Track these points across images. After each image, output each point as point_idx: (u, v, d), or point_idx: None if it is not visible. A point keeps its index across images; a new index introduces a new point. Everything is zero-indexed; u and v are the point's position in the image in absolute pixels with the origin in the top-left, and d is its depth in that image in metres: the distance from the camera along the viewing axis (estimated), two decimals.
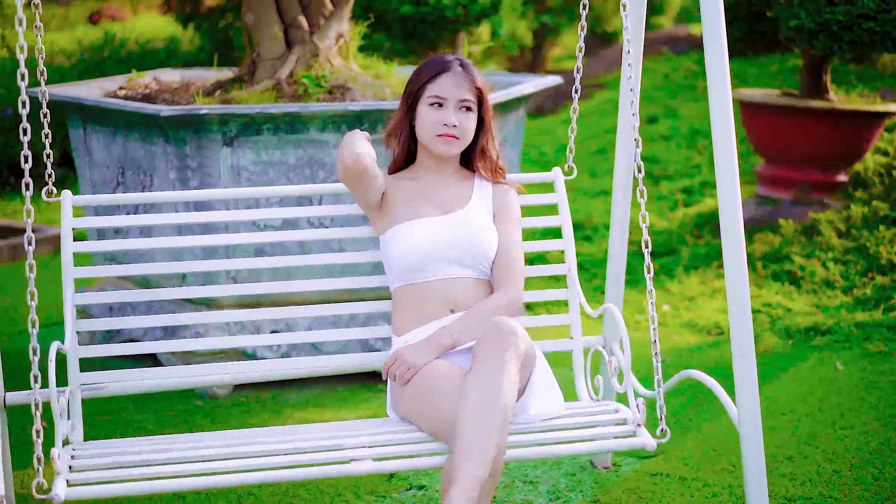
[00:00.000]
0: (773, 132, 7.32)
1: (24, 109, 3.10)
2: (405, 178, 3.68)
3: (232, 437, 3.40)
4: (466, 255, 3.55)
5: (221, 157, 4.85)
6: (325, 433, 3.41)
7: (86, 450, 3.31)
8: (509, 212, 3.68)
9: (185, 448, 3.27)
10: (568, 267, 3.86)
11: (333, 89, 5.29)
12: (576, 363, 3.85)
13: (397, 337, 3.60)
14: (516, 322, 3.28)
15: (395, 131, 3.68)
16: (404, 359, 3.41)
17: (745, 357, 3.36)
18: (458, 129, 3.56)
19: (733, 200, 3.36)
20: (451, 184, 3.67)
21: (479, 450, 3.05)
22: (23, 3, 3.07)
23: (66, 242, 3.60)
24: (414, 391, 3.39)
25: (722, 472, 4.20)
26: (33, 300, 3.08)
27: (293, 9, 5.54)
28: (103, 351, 3.67)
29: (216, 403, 5.06)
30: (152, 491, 3.12)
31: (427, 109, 3.56)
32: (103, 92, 5.71)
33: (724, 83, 3.36)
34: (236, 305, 4.99)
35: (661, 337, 5.85)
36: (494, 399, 3.12)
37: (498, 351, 3.19)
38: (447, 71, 3.56)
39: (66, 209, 3.65)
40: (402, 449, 3.31)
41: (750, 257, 6.73)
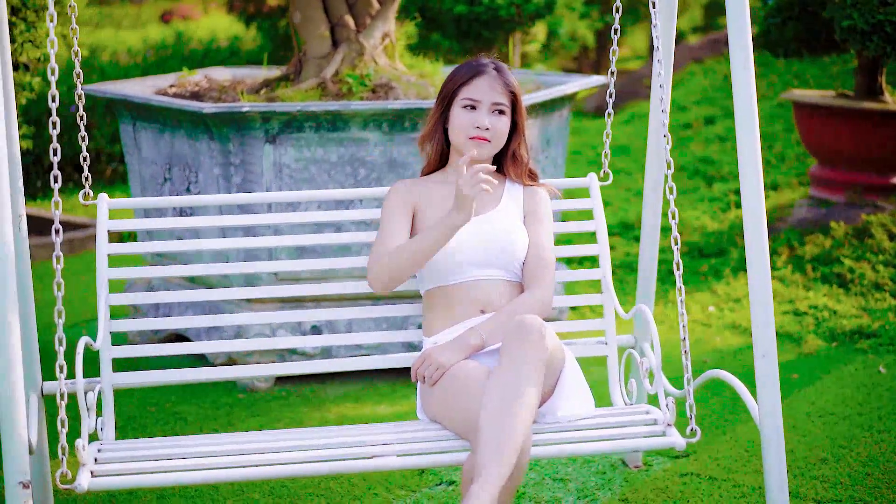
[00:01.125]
0: (826, 134, 7.26)
1: (53, 103, 3.18)
2: (437, 181, 3.71)
3: (260, 436, 3.46)
4: (497, 256, 3.57)
5: (264, 154, 4.93)
6: (351, 432, 3.46)
7: (113, 446, 3.37)
8: (539, 213, 3.69)
9: (209, 445, 3.33)
10: (602, 272, 3.86)
11: (377, 88, 5.34)
12: (611, 369, 3.85)
13: (427, 338, 3.63)
14: (542, 321, 3.29)
15: (430, 134, 3.71)
16: (433, 359, 3.44)
17: (766, 357, 3.36)
18: (490, 132, 3.56)
19: (757, 200, 3.35)
20: None
21: (500, 448, 3.07)
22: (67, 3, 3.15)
23: (102, 244, 3.68)
24: (441, 391, 3.41)
25: (753, 473, 4.19)
26: (60, 291, 3.17)
27: (340, 8, 5.60)
28: (139, 351, 3.75)
29: (257, 397, 5.13)
30: (177, 483, 3.19)
31: (460, 112, 3.58)
32: (154, 89, 5.81)
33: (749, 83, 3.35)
34: (278, 304, 5.06)
35: (704, 338, 5.84)
36: (517, 398, 3.14)
37: (522, 350, 3.21)
38: (481, 74, 3.57)
39: (102, 212, 3.72)
40: (425, 446, 3.34)
41: (800, 259, 6.69)
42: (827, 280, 6.44)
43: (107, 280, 3.66)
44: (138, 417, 4.88)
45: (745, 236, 3.37)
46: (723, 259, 6.95)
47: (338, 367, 3.89)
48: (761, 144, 8.84)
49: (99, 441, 3.42)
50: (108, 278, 3.66)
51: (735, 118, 3.37)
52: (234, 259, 5.04)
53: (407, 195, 3.65)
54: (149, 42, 11.89)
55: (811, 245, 6.83)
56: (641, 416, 3.55)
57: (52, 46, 3.18)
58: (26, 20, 6.61)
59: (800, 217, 7.22)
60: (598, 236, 3.92)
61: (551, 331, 3.32)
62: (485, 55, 3.69)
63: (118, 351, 3.68)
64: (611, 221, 7.86)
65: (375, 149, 4.99)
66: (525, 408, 3.14)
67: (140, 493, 4.11)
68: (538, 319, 3.29)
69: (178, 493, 4.12)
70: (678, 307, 3.45)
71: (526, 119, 3.69)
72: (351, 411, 4.93)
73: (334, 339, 3.84)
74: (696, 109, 10.31)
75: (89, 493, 3.11)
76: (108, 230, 3.73)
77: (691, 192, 8.35)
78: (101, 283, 3.65)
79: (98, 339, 3.57)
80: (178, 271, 3.84)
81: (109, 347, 3.62)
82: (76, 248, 7.61)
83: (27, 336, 3.63)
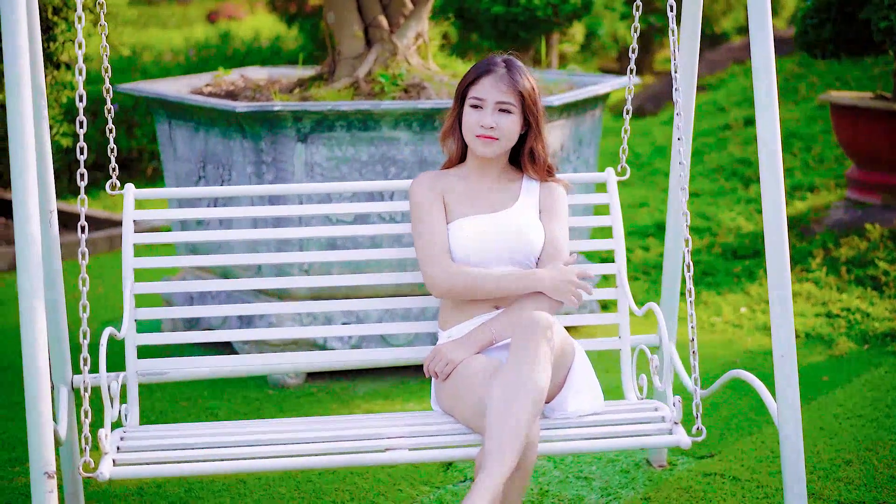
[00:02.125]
0: (863, 135, 7.22)
1: (80, 103, 3.24)
2: (456, 175, 3.75)
3: (280, 425, 3.51)
4: (513, 252, 3.61)
5: (296, 153, 4.98)
6: (366, 423, 3.50)
7: (137, 433, 3.44)
8: (555, 208, 3.72)
9: (228, 435, 3.38)
10: (617, 267, 3.89)
11: (409, 88, 5.38)
12: (624, 363, 3.88)
13: (442, 331, 3.68)
14: (551, 318, 3.33)
15: (449, 131, 3.76)
16: (443, 355, 3.51)
17: (785, 357, 3.36)
18: (496, 131, 3.59)
19: (777, 199, 3.35)
20: (500, 183, 3.73)
21: (504, 443, 3.11)
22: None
23: (128, 234, 3.75)
24: (453, 386, 3.48)
25: (778, 474, 4.19)
26: (85, 286, 3.23)
27: (374, 8, 5.65)
28: (164, 339, 3.81)
29: (287, 393, 5.18)
30: (197, 472, 3.25)
31: (468, 111, 3.62)
32: (190, 88, 5.88)
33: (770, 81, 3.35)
34: (309, 297, 5.11)
35: (735, 339, 5.84)
36: (524, 391, 3.18)
37: (530, 345, 3.25)
38: (489, 73, 3.60)
39: (129, 202, 3.79)
40: (439, 440, 3.38)
41: (835, 261, 6.66)
42: (861, 282, 6.41)
43: (132, 269, 3.73)
44: (169, 412, 4.95)
45: (766, 236, 3.37)
46: (757, 261, 6.93)
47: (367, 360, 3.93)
48: (800, 146, 8.80)
49: (123, 428, 3.49)
50: (133, 267, 3.73)
51: (756, 121, 3.38)
52: (265, 251, 5.09)
53: (434, 186, 3.70)
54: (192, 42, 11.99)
55: (846, 247, 6.79)
56: (650, 412, 3.58)
57: (80, 48, 3.24)
58: (67, 20, 6.70)
59: (836, 219, 7.19)
60: (614, 231, 3.94)
61: (560, 327, 3.37)
62: (501, 53, 3.72)
63: (145, 338, 3.76)
64: (646, 222, 7.86)
65: (406, 148, 5.03)
66: (530, 403, 3.19)
67: (168, 486, 4.17)
68: (547, 316, 3.34)
69: (206, 488, 4.18)
70: (687, 308, 3.48)
71: (543, 116, 3.70)
72: (380, 408, 4.97)
73: (365, 328, 3.89)
74: (735, 111, 10.27)
75: (116, 484, 3.17)
76: (138, 220, 3.80)
77: (728, 193, 8.33)
78: (126, 272, 3.72)
79: (123, 328, 3.64)
80: (207, 261, 3.90)
81: (135, 335, 3.69)
82: (115, 245, 7.71)
83: (57, 330, 3.70)
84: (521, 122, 3.64)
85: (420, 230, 3.65)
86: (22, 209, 3.03)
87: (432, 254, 3.59)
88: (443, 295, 3.60)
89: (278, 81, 6.08)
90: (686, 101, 3.96)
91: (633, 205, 8.32)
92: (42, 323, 3.03)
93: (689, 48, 3.96)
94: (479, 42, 9.12)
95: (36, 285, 3.02)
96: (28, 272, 3.03)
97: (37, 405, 3.03)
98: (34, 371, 3.01)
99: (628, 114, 4.04)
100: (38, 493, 3.03)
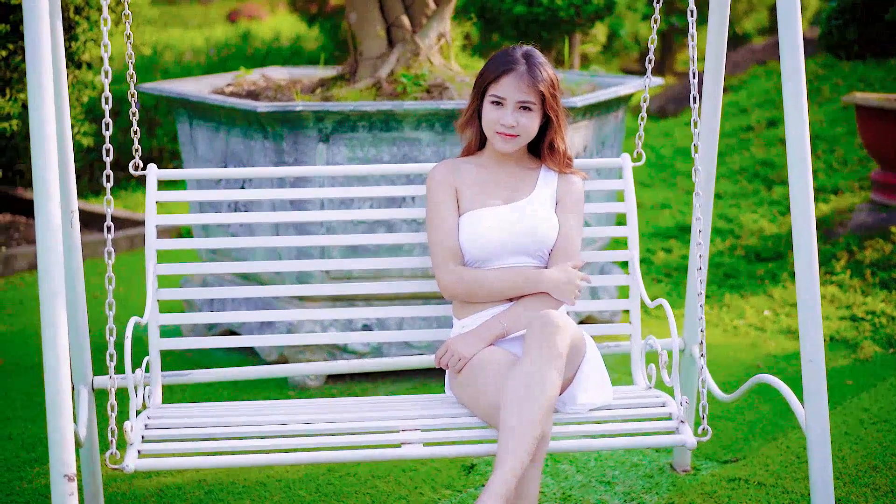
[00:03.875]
0: (888, 137, 7.16)
1: (106, 105, 3.23)
2: (473, 163, 3.76)
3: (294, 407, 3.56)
4: (528, 244, 3.63)
5: (317, 153, 4.95)
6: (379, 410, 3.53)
7: (160, 414, 3.47)
8: (571, 200, 3.74)
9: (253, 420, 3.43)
10: (631, 254, 3.88)
11: (431, 88, 5.35)
12: (633, 349, 3.88)
13: (457, 320, 3.70)
14: (565, 315, 3.35)
15: (467, 123, 3.77)
16: (455, 349, 3.52)
17: (813, 361, 3.32)
18: (516, 129, 3.61)
19: (806, 203, 3.31)
20: (517, 173, 3.74)
21: (521, 437, 3.14)
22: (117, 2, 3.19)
23: (150, 215, 3.77)
24: (466, 380, 3.50)
25: (803, 479, 4.14)
26: (111, 284, 3.23)
27: (396, 8, 5.62)
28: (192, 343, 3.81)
29: (308, 394, 5.16)
30: (219, 466, 3.28)
31: (489, 107, 3.63)
32: (211, 88, 5.86)
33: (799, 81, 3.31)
34: (329, 302, 5.09)
35: (758, 342, 5.79)
36: (539, 387, 3.20)
37: (545, 343, 3.27)
38: (511, 72, 3.58)
39: (151, 183, 3.81)
40: (454, 434, 3.41)
41: (859, 264, 6.61)
42: (886, 286, 6.35)
43: (155, 251, 3.74)
44: None
45: (794, 238, 3.34)
46: (780, 263, 6.89)
47: (389, 365, 3.94)
48: (824, 148, 8.74)
49: (147, 410, 3.52)
50: (156, 249, 3.74)
51: (784, 119, 3.34)
52: (287, 257, 5.08)
53: (448, 179, 3.71)
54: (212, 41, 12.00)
55: (870, 250, 6.74)
56: (657, 408, 3.57)
57: (106, 50, 3.22)
58: (89, 19, 6.70)
59: (860, 222, 7.13)
60: (628, 217, 3.94)
61: (573, 323, 3.39)
62: (519, 46, 3.70)
63: (168, 343, 3.76)
64: (668, 224, 7.82)
65: (428, 148, 5.00)
66: (544, 401, 3.21)
67: (187, 488, 4.15)
68: (561, 313, 3.37)
69: (226, 489, 4.16)
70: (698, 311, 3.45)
71: (563, 110, 3.70)
72: None
73: (385, 335, 3.89)
74: (757, 112, 10.21)
75: (137, 486, 3.15)
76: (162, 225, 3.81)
77: (751, 195, 8.27)
78: (149, 254, 3.74)
79: (146, 310, 3.66)
80: (231, 268, 3.89)
81: (157, 317, 3.72)
82: (137, 245, 7.70)
83: (77, 331, 3.69)
84: (541, 117, 3.65)
85: (433, 226, 3.69)
86: (44, 210, 3.01)
87: (440, 256, 3.65)
88: (451, 297, 3.66)
89: (299, 81, 6.06)
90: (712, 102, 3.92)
91: (654, 206, 8.28)
92: (63, 324, 3.01)
93: (716, 47, 3.91)
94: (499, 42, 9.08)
95: (57, 286, 3.00)
96: (50, 273, 3.00)
97: (57, 407, 3.00)
98: (55, 373, 2.99)
99: (646, 101, 3.99)
100: (57, 495, 3.00)
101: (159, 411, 3.55)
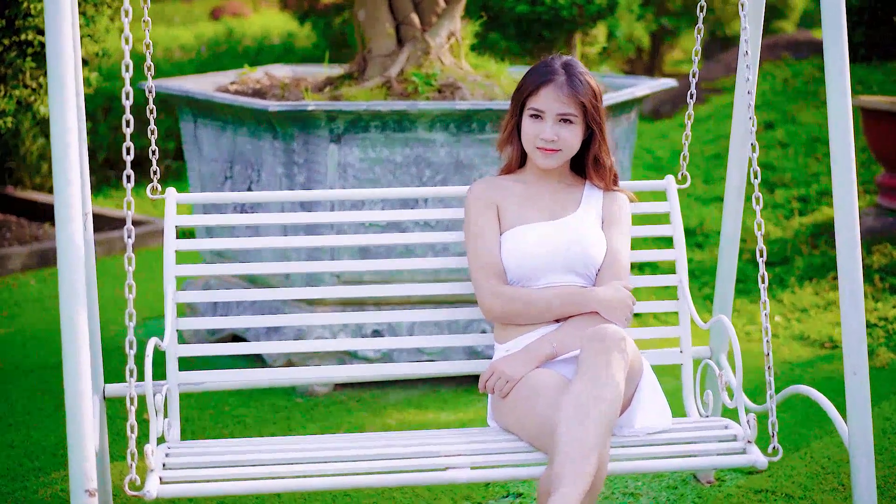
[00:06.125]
0: (893, 140, 7.08)
1: (127, 101, 3.10)
2: (516, 180, 3.61)
3: (329, 441, 3.36)
4: (575, 261, 3.47)
5: (328, 154, 4.83)
6: (423, 440, 3.34)
7: (181, 448, 3.29)
8: (618, 218, 3.58)
9: (281, 451, 3.23)
10: (679, 278, 3.75)
11: (443, 88, 5.23)
12: (685, 377, 3.74)
13: (500, 344, 3.52)
14: (623, 330, 3.20)
15: (507, 140, 3.61)
16: (502, 371, 3.34)
17: (857, 374, 3.22)
18: (557, 143, 3.45)
19: (850, 212, 3.22)
20: (561, 189, 3.59)
21: (580, 461, 2.96)
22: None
23: (169, 240, 3.60)
24: (514, 402, 3.31)
25: (831, 492, 4.05)
26: (131, 293, 3.10)
27: (406, 6, 5.49)
28: (203, 350, 3.66)
29: (316, 401, 5.03)
30: (246, 492, 3.11)
31: (528, 121, 3.48)
32: (215, 86, 5.73)
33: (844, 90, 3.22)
34: (339, 305, 4.97)
35: (772, 349, 5.67)
36: (597, 408, 3.03)
37: (603, 357, 3.11)
38: (549, 83, 3.44)
39: (171, 207, 3.65)
40: (499, 458, 3.24)
41: (867, 270, 6.52)
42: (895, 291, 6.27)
43: (174, 277, 3.59)
44: (197, 420, 4.80)
45: (838, 252, 3.25)
46: (787, 267, 6.80)
47: (401, 373, 3.80)
48: (823, 151, 8.66)
49: (167, 444, 3.34)
50: (175, 275, 3.58)
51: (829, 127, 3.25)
52: (296, 259, 4.95)
53: (488, 195, 3.55)
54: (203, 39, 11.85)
55: (878, 255, 6.66)
56: (720, 430, 3.44)
57: (127, 43, 3.10)
58: (85, 14, 6.55)
59: (867, 226, 7.04)
60: (675, 241, 3.82)
61: (631, 339, 3.22)
62: (557, 56, 3.56)
63: (181, 350, 3.60)
64: None
65: (441, 149, 4.88)
66: (605, 418, 3.04)
67: (200, 502, 4.02)
68: (618, 328, 3.19)
69: (239, 501, 4.03)
70: (762, 321, 3.34)
71: (606, 123, 3.57)
72: (413, 418, 4.83)
73: (396, 342, 3.75)
74: (755, 114, 10.12)
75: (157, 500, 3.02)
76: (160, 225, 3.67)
77: None
78: (168, 281, 3.57)
79: (165, 339, 3.47)
80: (242, 269, 3.77)
81: (176, 346, 3.54)
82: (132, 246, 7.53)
83: (91, 339, 3.55)
84: (583, 130, 3.50)
85: (471, 247, 3.52)
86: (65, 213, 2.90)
87: (482, 275, 3.46)
88: (495, 320, 3.47)
89: (304, 80, 5.93)
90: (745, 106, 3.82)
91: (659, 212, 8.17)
92: (84, 337, 2.88)
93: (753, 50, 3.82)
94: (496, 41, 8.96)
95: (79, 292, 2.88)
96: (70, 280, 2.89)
97: (78, 420, 2.89)
98: (75, 384, 2.88)
99: (690, 119, 3.89)
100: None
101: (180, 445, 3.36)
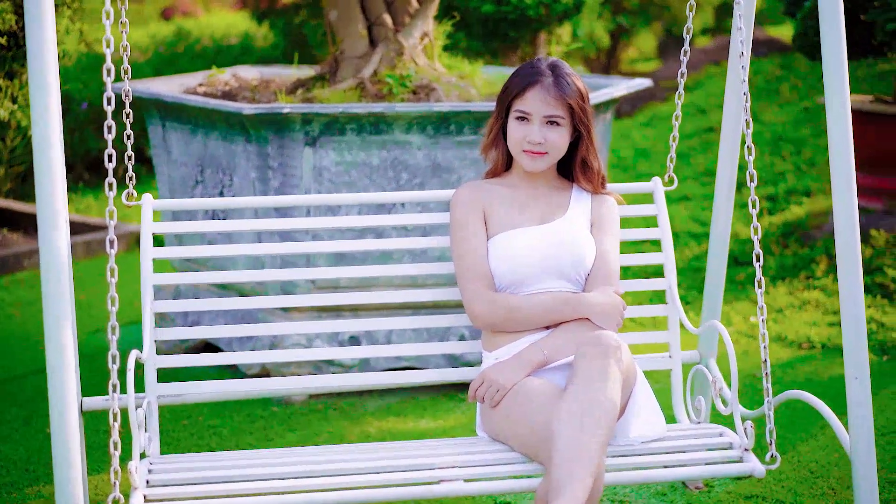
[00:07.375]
0: (863, 139, 7.03)
1: (108, 106, 3.00)
2: (502, 184, 3.53)
3: (318, 454, 3.26)
4: (565, 266, 3.40)
5: (303, 158, 4.73)
6: (412, 452, 3.25)
7: (163, 464, 3.18)
8: (607, 221, 3.52)
9: (268, 465, 3.13)
10: (668, 283, 3.69)
11: (418, 89, 5.14)
12: (675, 383, 3.69)
13: (488, 352, 3.44)
14: (617, 336, 3.13)
15: (492, 143, 3.54)
16: (493, 380, 3.26)
17: (859, 380, 3.18)
18: (544, 146, 3.39)
19: (851, 212, 3.18)
20: (548, 193, 3.52)
21: (579, 469, 2.90)
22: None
23: (146, 249, 3.47)
24: (506, 410, 3.23)
25: (822, 496, 4.01)
26: (114, 305, 2.97)
27: (378, 6, 5.40)
28: (182, 361, 3.53)
29: (293, 410, 4.93)
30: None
31: (514, 123, 3.41)
32: (183, 88, 5.61)
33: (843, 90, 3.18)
34: (315, 312, 4.87)
35: (750, 350, 5.64)
36: (595, 415, 2.97)
37: (599, 364, 3.04)
38: (536, 84, 3.37)
39: (147, 214, 3.52)
40: (494, 470, 3.15)
41: None
42: (869, 291, 6.24)
43: (151, 287, 3.45)
44: (171, 431, 4.68)
45: (838, 249, 3.22)
46: None
47: (380, 382, 3.69)
48: (788, 150, 8.66)
49: (148, 459, 3.22)
50: (153, 284, 3.46)
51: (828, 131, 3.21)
52: (270, 266, 4.84)
53: (475, 200, 3.47)
54: (156, 39, 11.68)
55: None
56: (715, 438, 3.38)
57: (108, 46, 3.00)
58: None
59: None
60: (663, 244, 3.76)
61: (626, 346, 3.16)
62: (546, 57, 3.49)
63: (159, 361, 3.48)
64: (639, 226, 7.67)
65: (419, 152, 4.80)
66: (603, 428, 2.98)
67: None
68: (613, 334, 3.12)
69: None
70: (759, 327, 3.29)
71: (594, 124, 3.50)
72: (393, 426, 4.73)
73: (373, 350, 3.65)
74: (716, 112, 10.10)
75: None
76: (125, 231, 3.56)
77: None
78: (145, 291, 3.44)
79: (144, 351, 3.36)
80: (217, 278, 3.67)
81: (155, 358, 3.43)
82: (93, 251, 7.39)
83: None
84: (570, 132, 3.42)
85: (458, 253, 3.43)
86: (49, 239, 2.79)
87: (470, 281, 3.38)
88: (484, 327, 3.39)
89: (272, 81, 5.82)
90: None
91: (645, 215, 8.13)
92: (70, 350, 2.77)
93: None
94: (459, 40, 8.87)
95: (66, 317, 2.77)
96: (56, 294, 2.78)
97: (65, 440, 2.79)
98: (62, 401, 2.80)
99: (678, 120, 3.84)
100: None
101: (161, 460, 3.25)
